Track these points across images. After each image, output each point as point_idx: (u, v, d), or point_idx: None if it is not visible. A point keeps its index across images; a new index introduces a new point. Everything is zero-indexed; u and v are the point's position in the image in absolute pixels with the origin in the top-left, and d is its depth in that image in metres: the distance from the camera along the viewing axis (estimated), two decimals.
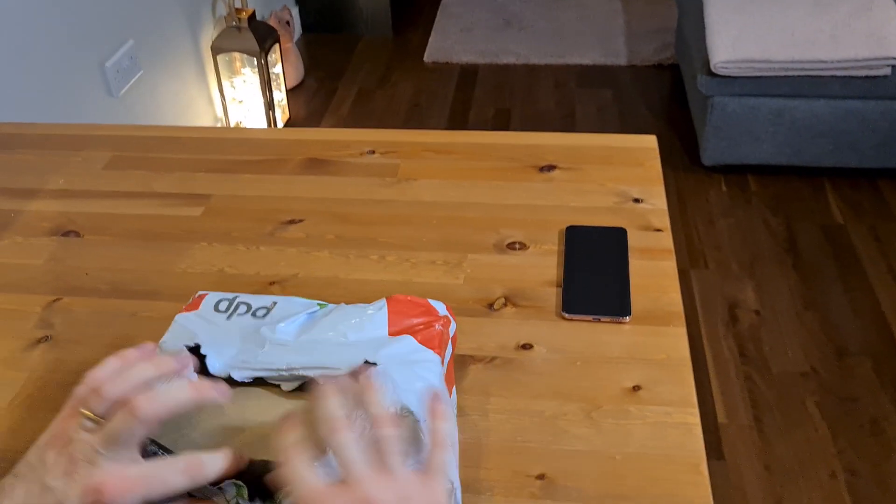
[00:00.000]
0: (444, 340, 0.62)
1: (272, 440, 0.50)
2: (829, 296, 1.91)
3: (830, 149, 2.20)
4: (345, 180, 0.96)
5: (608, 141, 1.00)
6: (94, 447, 0.47)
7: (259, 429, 0.55)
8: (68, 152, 1.03)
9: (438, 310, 0.65)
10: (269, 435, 0.51)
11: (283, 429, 0.49)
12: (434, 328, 0.62)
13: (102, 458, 0.47)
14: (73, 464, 0.47)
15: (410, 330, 0.61)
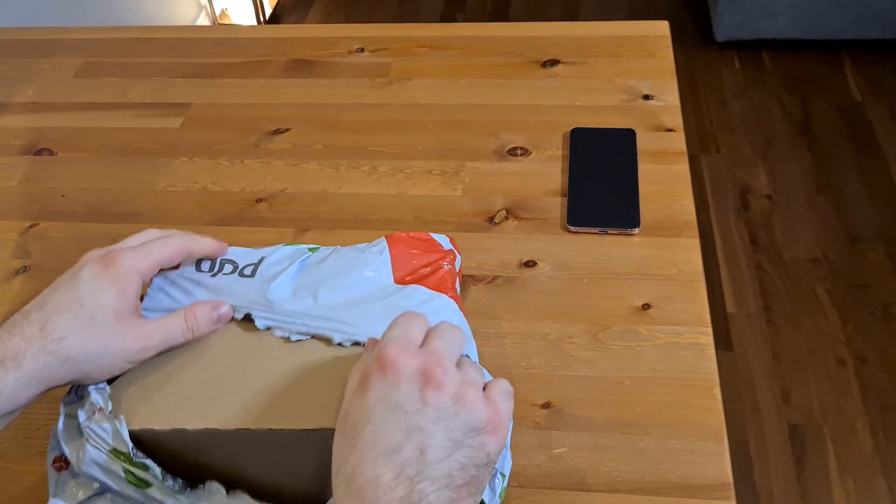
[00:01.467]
0: (454, 279, 0.58)
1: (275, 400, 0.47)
2: (844, 179, 1.85)
3: (851, 20, 2.07)
4: (332, 83, 0.89)
5: (616, 29, 0.92)
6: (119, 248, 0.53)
7: (265, 384, 0.50)
8: (36, 59, 0.96)
9: (442, 244, 0.60)
10: (273, 393, 0.48)
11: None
12: (442, 268, 0.58)
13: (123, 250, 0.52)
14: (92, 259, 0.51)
15: (417, 276, 0.56)
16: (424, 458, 0.38)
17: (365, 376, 0.42)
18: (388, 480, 0.37)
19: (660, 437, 0.56)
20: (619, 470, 0.55)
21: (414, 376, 0.41)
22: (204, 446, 0.47)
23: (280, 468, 0.48)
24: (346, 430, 0.41)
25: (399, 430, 0.39)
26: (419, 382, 0.40)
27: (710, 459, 0.55)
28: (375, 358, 0.42)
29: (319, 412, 0.46)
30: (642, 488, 0.54)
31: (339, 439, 0.41)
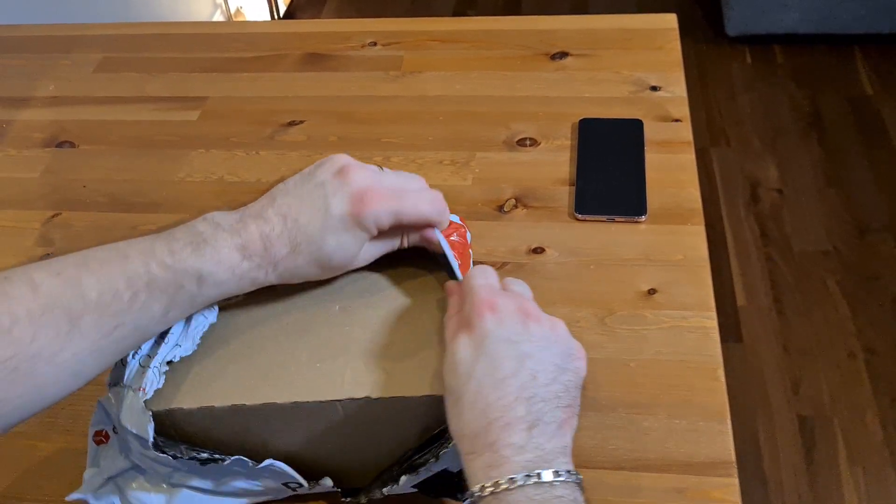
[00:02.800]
0: (466, 252, 0.60)
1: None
2: (854, 171, 1.85)
3: (862, 14, 2.07)
4: (346, 76, 0.91)
5: (624, 22, 0.93)
6: (372, 168, 0.51)
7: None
8: (57, 55, 0.98)
9: (453, 219, 0.62)
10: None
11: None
12: (452, 238, 0.59)
13: (376, 175, 0.50)
14: (346, 176, 0.49)
15: None
16: (537, 381, 0.43)
17: (465, 319, 0.45)
18: (509, 401, 0.41)
19: (664, 417, 0.58)
20: (624, 448, 0.56)
21: (514, 313, 0.45)
22: (264, 420, 0.48)
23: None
24: (458, 371, 0.43)
25: (511, 358, 0.43)
26: (520, 317, 0.45)
27: (713, 438, 0.56)
28: (474, 301, 0.46)
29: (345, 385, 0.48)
30: (647, 466, 0.55)
31: (451, 380, 0.44)
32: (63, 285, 0.43)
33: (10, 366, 0.41)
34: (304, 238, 0.48)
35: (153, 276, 0.44)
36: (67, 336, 0.42)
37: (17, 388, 0.41)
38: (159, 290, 0.44)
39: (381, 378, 0.47)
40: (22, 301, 0.41)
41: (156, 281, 0.44)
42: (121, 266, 0.44)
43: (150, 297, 0.44)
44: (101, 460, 0.51)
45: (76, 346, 0.42)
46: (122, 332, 0.44)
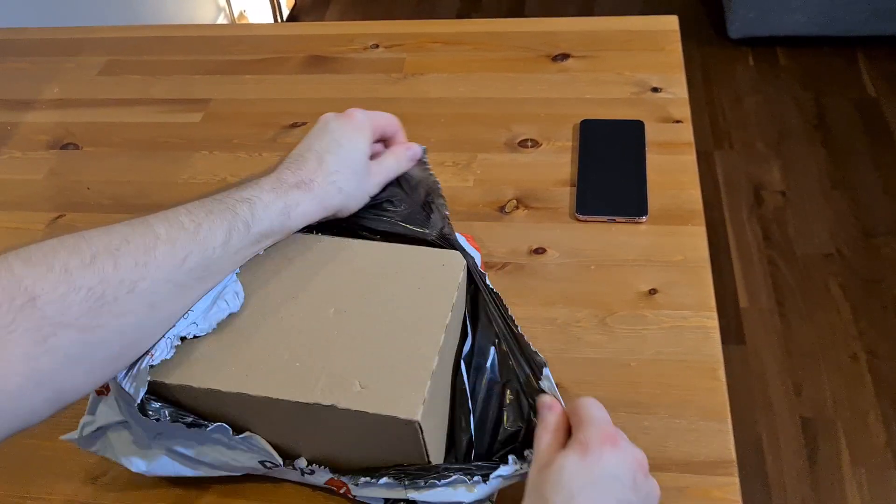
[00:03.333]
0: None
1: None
2: (859, 174, 1.85)
3: (866, 16, 2.07)
4: (348, 78, 0.91)
5: (625, 24, 0.94)
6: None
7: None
8: (62, 58, 0.99)
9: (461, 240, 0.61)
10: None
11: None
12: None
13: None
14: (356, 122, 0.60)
15: None
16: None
17: (586, 445, 0.46)
18: None
19: (664, 417, 0.58)
20: None
21: (633, 461, 0.47)
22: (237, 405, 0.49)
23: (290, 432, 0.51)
24: (563, 486, 0.44)
25: (615, 498, 0.45)
26: (636, 466, 0.46)
27: (713, 438, 0.56)
28: (597, 430, 0.47)
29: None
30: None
31: (551, 493, 0.44)
32: (133, 226, 0.47)
33: (96, 292, 0.43)
34: (331, 150, 0.56)
35: (210, 208, 0.49)
36: (145, 265, 0.45)
37: (104, 316, 0.44)
38: (218, 217, 0.49)
39: (355, 389, 0.47)
40: (100, 239, 0.45)
41: (213, 211, 0.49)
42: (183, 207, 0.49)
43: (211, 224, 0.48)
44: (98, 410, 0.52)
45: (153, 274, 0.45)
46: (191, 261, 0.47)
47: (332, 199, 0.55)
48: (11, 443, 0.60)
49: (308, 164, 0.55)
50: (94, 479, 0.58)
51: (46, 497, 0.58)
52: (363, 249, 0.56)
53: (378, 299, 0.52)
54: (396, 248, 0.56)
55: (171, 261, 0.46)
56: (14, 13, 1.48)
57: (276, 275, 0.54)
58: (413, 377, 0.47)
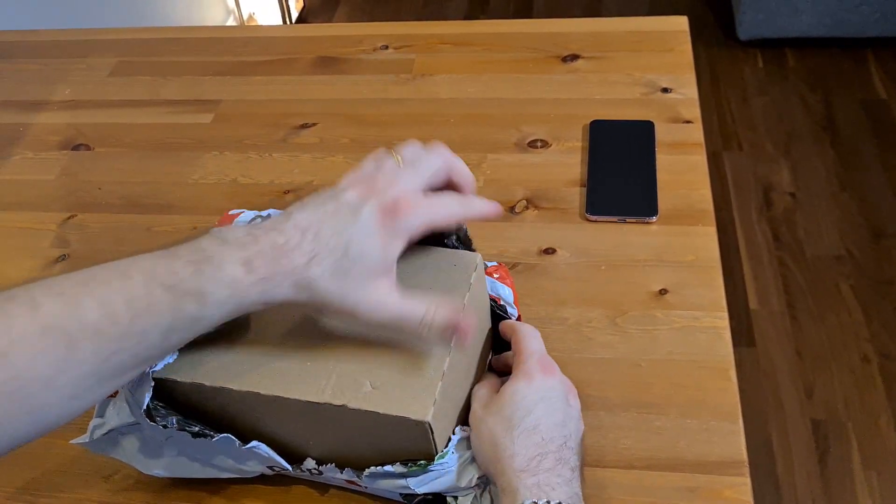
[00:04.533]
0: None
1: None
2: (868, 175, 1.84)
3: (876, 17, 2.06)
4: (358, 79, 0.91)
5: (635, 25, 0.93)
6: (396, 173, 0.48)
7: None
8: (72, 59, 1.00)
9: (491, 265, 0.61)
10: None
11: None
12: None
13: (402, 179, 0.48)
14: (372, 189, 0.47)
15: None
16: (571, 440, 0.50)
17: (530, 374, 0.51)
18: (561, 443, 0.49)
19: (675, 417, 0.58)
20: (635, 448, 0.56)
21: (564, 384, 0.53)
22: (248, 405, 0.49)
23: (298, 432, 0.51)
24: (521, 403, 0.50)
25: (563, 413, 0.51)
26: (566, 389, 0.52)
27: (724, 438, 0.56)
28: (541, 363, 0.52)
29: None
30: (658, 465, 0.55)
31: (510, 410, 0.49)
32: (63, 306, 0.41)
33: (7, 389, 0.40)
34: (326, 248, 0.44)
35: (153, 299, 0.42)
36: (65, 360, 0.41)
37: (15, 411, 0.40)
38: (159, 313, 0.43)
39: (365, 390, 0.47)
40: (22, 322, 0.40)
41: (156, 304, 0.42)
42: (121, 287, 0.42)
43: (150, 319, 0.42)
44: (108, 412, 0.52)
45: (74, 370, 0.41)
46: (120, 357, 0.43)
47: (321, 285, 0.45)
48: None
49: (288, 248, 0.44)
50: (105, 477, 0.58)
51: (58, 495, 0.58)
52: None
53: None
54: (409, 249, 0.55)
55: (96, 356, 0.42)
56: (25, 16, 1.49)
57: None
58: (425, 377, 0.47)
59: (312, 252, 0.44)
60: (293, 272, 0.44)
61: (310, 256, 0.44)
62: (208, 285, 0.43)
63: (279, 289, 0.44)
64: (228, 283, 0.43)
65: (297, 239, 0.44)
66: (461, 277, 0.52)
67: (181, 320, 0.43)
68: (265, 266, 0.44)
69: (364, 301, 0.46)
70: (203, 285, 0.43)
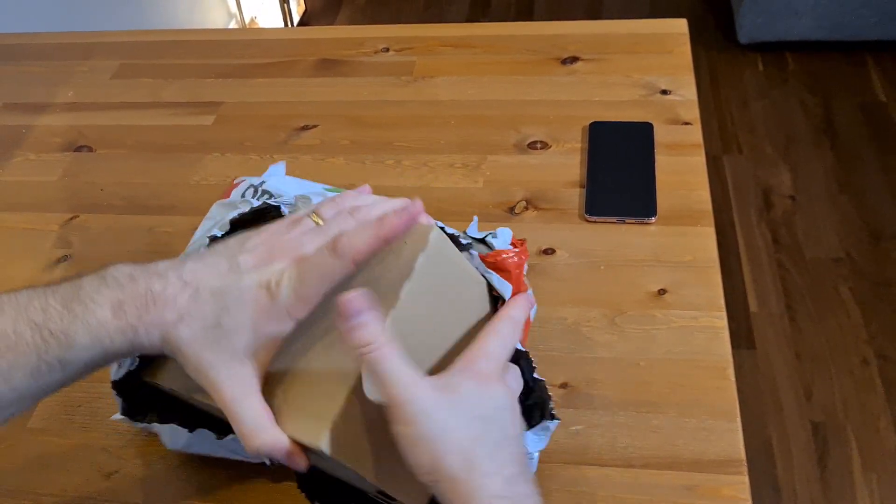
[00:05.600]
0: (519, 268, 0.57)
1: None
2: (867, 178, 1.84)
3: (875, 20, 2.07)
4: (359, 81, 0.92)
5: (634, 27, 0.94)
6: (305, 236, 0.45)
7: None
8: (75, 62, 1.00)
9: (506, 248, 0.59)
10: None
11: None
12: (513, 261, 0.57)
13: (309, 242, 0.44)
14: (272, 255, 0.44)
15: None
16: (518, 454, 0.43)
17: (481, 378, 0.43)
18: (524, 462, 0.43)
19: (674, 416, 0.58)
20: (633, 446, 0.57)
21: (512, 394, 0.45)
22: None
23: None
24: (465, 404, 0.42)
25: (513, 426, 0.44)
26: (512, 402, 0.44)
27: (722, 436, 0.57)
28: (493, 373, 0.44)
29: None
30: (656, 463, 0.55)
31: (453, 405, 0.41)
32: None
33: None
34: (199, 311, 0.42)
35: (20, 337, 0.40)
36: None
37: None
38: (24, 353, 0.40)
39: (279, 407, 0.44)
40: None
41: (21, 343, 0.40)
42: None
43: (15, 359, 0.40)
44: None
45: None
46: None
47: (191, 348, 0.42)
48: (25, 440, 0.61)
49: (169, 303, 0.42)
50: (107, 475, 0.59)
51: (60, 493, 0.58)
52: None
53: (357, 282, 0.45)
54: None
55: None
56: (29, 19, 1.50)
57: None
58: (329, 395, 0.43)
59: (185, 310, 0.42)
60: (161, 325, 0.42)
61: (180, 315, 0.42)
62: (73, 326, 0.41)
63: (148, 338, 0.42)
64: (94, 327, 0.41)
65: (175, 291, 0.42)
66: (405, 263, 0.44)
67: (46, 363, 0.41)
68: (135, 312, 0.41)
69: (221, 384, 0.42)
70: (68, 326, 0.41)
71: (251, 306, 0.42)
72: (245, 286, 0.43)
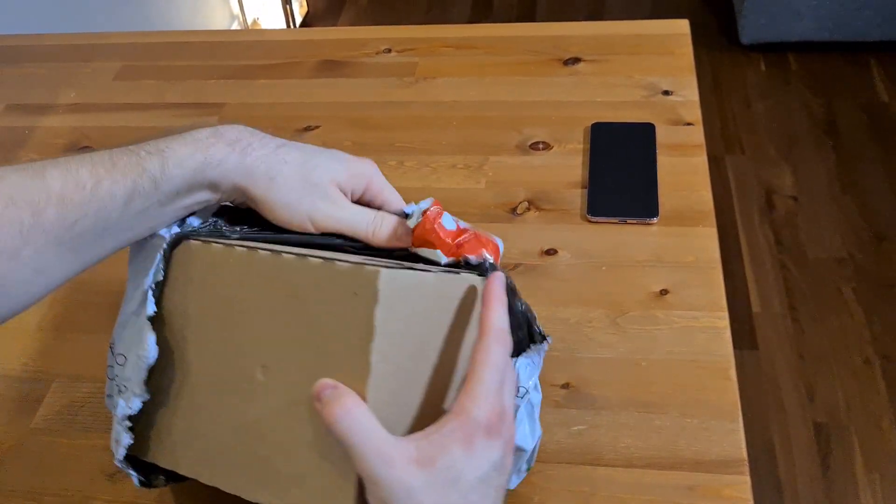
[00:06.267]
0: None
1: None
2: (869, 178, 1.84)
3: (878, 21, 2.07)
4: (361, 82, 0.92)
5: (636, 28, 0.94)
6: None
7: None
8: (78, 63, 1.00)
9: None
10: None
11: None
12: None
13: None
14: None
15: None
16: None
17: (471, 434, 0.39)
18: None
19: (675, 416, 0.58)
20: (635, 446, 0.57)
21: (505, 445, 0.41)
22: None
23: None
24: (447, 477, 0.38)
25: (494, 489, 0.40)
26: (506, 452, 0.41)
27: (724, 437, 0.57)
28: (489, 417, 0.40)
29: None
30: (658, 464, 0.56)
31: (432, 483, 0.38)
32: (27, 177, 0.42)
33: None
34: (289, 154, 0.49)
35: (116, 160, 0.44)
36: (29, 230, 0.41)
37: None
38: (121, 172, 0.44)
39: (283, 485, 0.43)
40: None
41: (118, 164, 0.44)
42: (85, 157, 0.44)
43: (113, 181, 0.43)
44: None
45: (39, 240, 0.42)
46: (83, 224, 0.43)
47: (261, 177, 0.47)
48: (29, 440, 0.61)
49: (258, 134, 0.48)
50: (110, 475, 0.59)
51: (63, 493, 0.58)
52: (292, 269, 0.44)
53: (300, 349, 0.43)
54: (318, 266, 0.42)
55: (60, 224, 0.42)
56: (31, 20, 1.50)
57: (203, 310, 0.47)
58: (340, 486, 0.40)
59: (275, 142, 0.49)
60: (252, 148, 0.47)
61: (274, 145, 0.49)
62: (170, 143, 0.45)
63: (236, 161, 0.46)
64: (190, 142, 0.45)
65: (266, 139, 0.49)
66: (361, 320, 0.40)
67: (143, 183, 0.44)
68: (226, 138, 0.47)
69: (319, 210, 0.49)
70: (164, 144, 0.45)
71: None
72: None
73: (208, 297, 0.47)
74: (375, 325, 0.40)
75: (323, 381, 0.40)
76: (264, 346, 0.44)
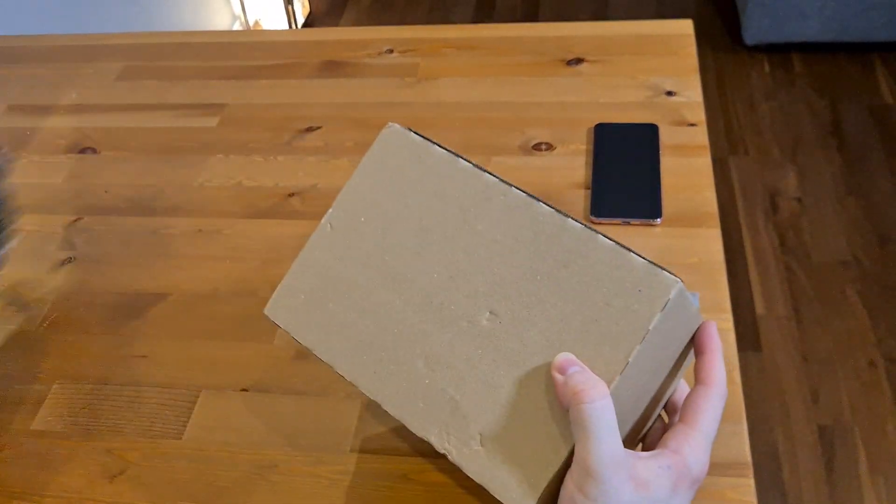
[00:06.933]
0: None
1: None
2: (874, 180, 1.83)
3: (883, 22, 2.06)
4: (363, 82, 0.92)
5: (639, 28, 0.94)
6: None
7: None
8: (80, 64, 1.00)
9: None
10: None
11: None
12: None
13: None
14: None
15: None
16: None
17: (681, 480, 0.40)
18: None
19: None
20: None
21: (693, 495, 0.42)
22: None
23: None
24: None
25: None
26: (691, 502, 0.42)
27: (728, 439, 0.56)
28: (697, 475, 0.41)
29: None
30: None
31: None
32: None
33: None
34: None
35: None
36: None
37: None
38: None
39: (473, 446, 0.42)
40: None
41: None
42: None
43: None
44: None
45: None
46: None
47: None
48: (29, 442, 0.61)
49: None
50: (111, 477, 0.58)
51: (63, 495, 0.58)
52: (552, 224, 0.43)
53: (546, 313, 0.42)
54: (596, 242, 0.42)
55: None
56: (33, 21, 1.50)
57: (436, 224, 0.45)
58: (541, 455, 0.40)
59: None
60: None
61: None
62: None
63: None
64: None
65: None
66: (639, 314, 0.40)
67: None
68: None
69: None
70: None
71: None
72: None
73: (439, 206, 0.45)
74: (650, 330, 0.39)
75: (568, 355, 0.40)
76: (499, 292, 0.43)
